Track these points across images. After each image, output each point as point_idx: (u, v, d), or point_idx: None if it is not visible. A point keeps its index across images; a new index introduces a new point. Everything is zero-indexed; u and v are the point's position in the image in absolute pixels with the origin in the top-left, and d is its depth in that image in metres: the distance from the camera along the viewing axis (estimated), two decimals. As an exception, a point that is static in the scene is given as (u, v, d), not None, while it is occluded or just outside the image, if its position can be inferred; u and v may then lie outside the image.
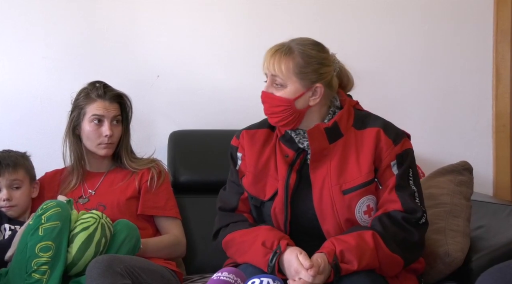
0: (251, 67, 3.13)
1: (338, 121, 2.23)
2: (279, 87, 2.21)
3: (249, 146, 2.32)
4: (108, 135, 2.61)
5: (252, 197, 2.28)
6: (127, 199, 2.62)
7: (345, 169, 2.20)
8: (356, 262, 2.04)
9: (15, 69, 3.02)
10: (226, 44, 3.16)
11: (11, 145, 2.66)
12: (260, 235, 2.16)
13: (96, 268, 2.16)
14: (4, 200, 2.53)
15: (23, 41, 3.03)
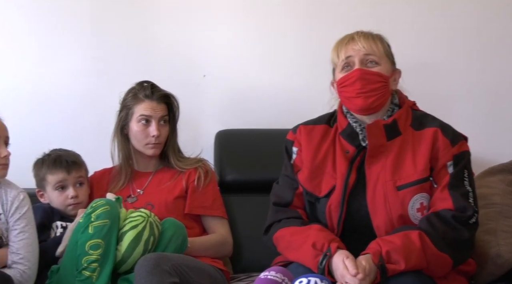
0: (297, 67, 3.15)
1: (397, 119, 2.23)
2: (374, 65, 2.22)
3: (306, 142, 2.32)
4: (155, 136, 2.62)
5: (307, 193, 2.28)
6: (175, 198, 2.63)
7: (400, 166, 2.19)
8: (403, 262, 2.02)
9: (65, 69, 3.06)
10: (271, 44, 3.15)
11: (61, 145, 2.70)
12: (310, 235, 2.16)
13: (145, 266, 2.18)
14: (72, 197, 2.57)
15: (73, 42, 3.07)
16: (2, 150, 2.26)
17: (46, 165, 2.58)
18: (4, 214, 2.30)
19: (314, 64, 3.03)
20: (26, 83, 3.04)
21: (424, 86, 3.04)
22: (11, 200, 2.31)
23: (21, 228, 2.30)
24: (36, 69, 3.05)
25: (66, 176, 2.57)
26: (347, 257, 2.04)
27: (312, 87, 3.05)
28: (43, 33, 3.05)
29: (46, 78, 3.05)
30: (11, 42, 3.04)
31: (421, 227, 2.11)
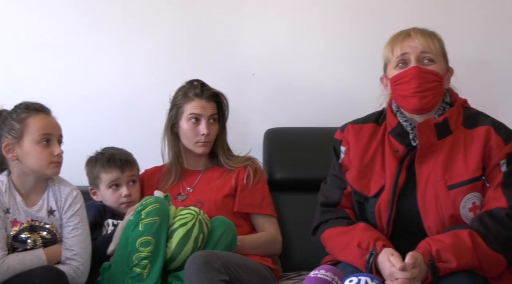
0: (347, 64, 3.13)
1: (448, 118, 2.19)
2: (431, 63, 2.19)
3: (354, 141, 2.30)
4: (205, 134, 2.64)
5: (356, 192, 2.26)
6: (224, 196, 2.64)
7: (451, 165, 2.16)
8: (454, 261, 1.99)
9: (116, 68, 3.10)
10: (321, 41, 3.14)
11: (112, 143, 2.73)
12: (356, 235, 2.14)
13: (195, 264, 2.19)
14: (125, 196, 2.60)
15: (124, 40, 3.10)
16: (56, 149, 2.30)
17: (100, 164, 2.62)
18: (58, 210, 2.34)
19: (364, 61, 3.01)
20: (78, 82, 3.08)
21: (476, 84, 2.99)
22: (65, 197, 2.35)
23: (74, 224, 2.33)
24: (88, 68, 3.09)
25: (120, 175, 2.60)
26: (392, 254, 2.02)
27: (362, 85, 3.03)
28: (94, 33, 3.10)
29: (98, 77, 3.09)
30: (63, 41, 3.08)
31: (473, 227, 2.07)
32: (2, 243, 2.24)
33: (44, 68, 3.07)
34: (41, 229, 2.31)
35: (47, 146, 2.29)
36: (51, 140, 2.30)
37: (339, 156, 2.34)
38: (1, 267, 2.20)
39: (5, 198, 2.29)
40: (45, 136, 2.29)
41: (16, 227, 2.28)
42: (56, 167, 2.31)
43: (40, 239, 2.30)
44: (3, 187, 2.30)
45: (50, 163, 2.29)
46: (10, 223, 2.28)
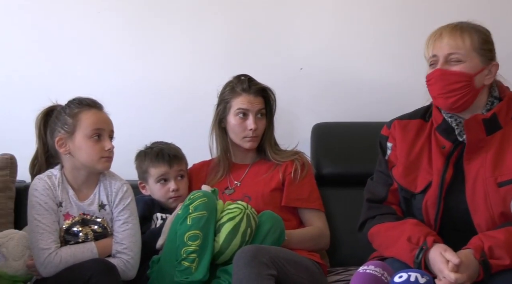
0: (395, 59, 3.10)
1: (497, 112, 2.15)
2: (457, 64, 2.15)
3: (401, 137, 2.28)
4: (252, 129, 2.64)
5: (402, 189, 2.24)
6: (271, 190, 2.64)
7: (501, 162, 2.12)
8: (507, 258, 1.96)
9: (164, 64, 3.12)
10: (370, 36, 3.12)
11: (161, 137, 2.75)
12: (406, 230, 2.12)
13: (243, 258, 2.19)
14: (173, 190, 2.62)
15: (171, 36, 3.12)
16: (107, 144, 2.32)
17: (148, 158, 2.64)
18: (109, 205, 2.37)
19: (413, 56, 2.94)
20: (129, 78, 3.11)
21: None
22: (115, 191, 2.38)
23: (124, 218, 2.36)
24: (138, 64, 3.12)
25: (168, 169, 2.62)
26: (445, 250, 1.99)
27: (411, 79, 2.99)
28: (144, 29, 3.13)
29: (147, 72, 3.12)
30: (115, 38, 3.12)
31: None
32: (55, 236, 2.28)
33: (95, 64, 3.12)
34: (92, 223, 2.35)
35: (98, 141, 2.32)
36: (102, 135, 2.32)
37: (386, 152, 2.33)
38: (54, 259, 2.24)
39: (58, 192, 2.33)
40: (97, 131, 2.32)
41: (69, 221, 2.32)
42: (106, 162, 2.33)
43: (91, 233, 2.34)
44: (56, 181, 2.34)
45: (100, 158, 2.32)
46: (62, 217, 2.32)
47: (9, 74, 3.08)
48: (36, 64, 3.10)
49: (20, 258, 2.38)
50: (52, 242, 2.26)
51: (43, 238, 2.25)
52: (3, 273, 2.36)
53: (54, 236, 2.28)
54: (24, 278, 2.39)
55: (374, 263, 1.97)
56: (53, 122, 2.35)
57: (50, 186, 2.32)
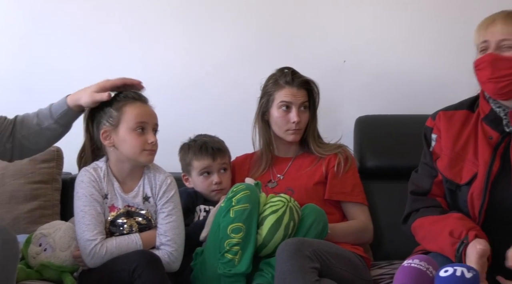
0: (439, 51, 3.06)
1: None
2: (509, 50, 2.12)
3: (446, 128, 2.25)
4: (295, 122, 2.63)
5: (447, 181, 2.21)
6: (315, 184, 2.63)
7: None
8: None
9: (210, 56, 3.13)
10: (414, 27, 3.10)
11: (204, 130, 2.76)
12: (449, 224, 2.09)
13: (286, 251, 2.20)
14: (216, 183, 2.63)
15: (214, 30, 3.13)
16: (150, 137, 2.33)
17: (192, 151, 2.65)
18: (153, 197, 2.39)
19: (458, 47, 2.95)
20: (174, 70, 3.13)
21: None
22: (159, 184, 2.39)
23: (168, 211, 2.37)
24: (183, 56, 3.14)
25: (211, 162, 2.62)
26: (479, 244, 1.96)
27: (456, 71, 2.97)
28: (191, 21, 3.13)
29: (192, 65, 3.13)
30: (159, 30, 3.14)
31: None
32: (101, 227, 2.31)
33: (140, 57, 3.14)
34: (137, 215, 2.37)
35: (141, 134, 2.33)
36: (146, 128, 2.34)
37: (430, 144, 2.30)
38: (100, 250, 2.27)
39: (103, 184, 2.36)
40: (140, 124, 2.33)
41: (114, 212, 2.35)
42: (149, 155, 2.35)
43: (136, 225, 2.36)
44: (102, 173, 2.37)
45: (143, 151, 2.33)
46: (108, 208, 2.35)
47: (55, 66, 3.12)
48: (81, 56, 3.14)
49: (66, 249, 2.42)
50: (98, 234, 2.29)
51: (89, 229, 2.28)
52: (50, 263, 2.40)
53: (100, 227, 2.30)
54: (70, 268, 2.42)
55: (419, 257, 1.95)
56: (99, 115, 2.38)
57: (96, 178, 2.35)
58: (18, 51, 3.13)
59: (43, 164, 2.83)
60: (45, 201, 2.81)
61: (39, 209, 2.78)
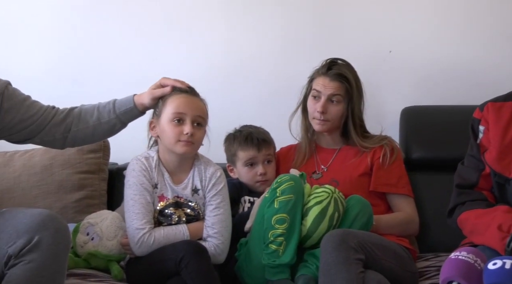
0: (487, 42, 3.04)
1: None
2: None
3: (494, 120, 2.22)
4: (319, 111, 2.60)
5: (496, 174, 2.18)
6: (359, 175, 2.62)
7: None
8: None
9: (254, 48, 3.13)
10: (460, 18, 3.06)
11: (249, 121, 2.76)
12: (497, 217, 2.07)
13: (331, 242, 2.19)
14: (261, 174, 2.63)
15: (258, 19, 3.13)
16: (186, 128, 2.33)
17: (237, 142, 2.65)
18: (202, 189, 2.40)
19: (505, 39, 2.90)
20: (218, 63, 3.14)
21: None
22: (209, 176, 2.40)
23: (216, 203, 2.38)
24: (227, 48, 3.14)
25: (256, 153, 2.62)
26: None
27: (502, 63, 2.95)
28: (234, 11, 3.14)
29: (237, 55, 3.14)
30: (202, 21, 3.15)
31: None
32: (150, 216, 2.33)
33: (187, 47, 3.16)
34: (185, 206, 2.39)
35: (178, 125, 2.33)
36: (183, 119, 2.34)
37: (477, 136, 2.27)
38: (148, 239, 2.29)
39: (154, 173, 2.37)
40: (178, 115, 2.34)
41: (163, 202, 2.37)
42: (185, 146, 2.33)
43: (184, 215, 2.38)
44: (153, 163, 2.39)
45: (178, 142, 2.33)
46: (157, 198, 2.37)
47: (101, 58, 3.16)
48: (126, 49, 3.17)
49: (113, 238, 2.45)
50: (146, 223, 2.31)
51: (138, 218, 2.30)
52: (98, 252, 2.44)
53: (149, 216, 2.32)
54: (117, 257, 2.46)
55: (467, 249, 1.92)
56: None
57: (146, 167, 2.37)
58: (69, 46, 3.17)
59: (90, 155, 2.87)
60: (92, 191, 2.85)
61: (86, 199, 2.83)
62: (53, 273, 1.89)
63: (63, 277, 1.94)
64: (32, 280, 1.85)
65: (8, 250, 1.87)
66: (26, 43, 3.17)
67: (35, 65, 3.16)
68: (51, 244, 1.88)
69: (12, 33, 3.16)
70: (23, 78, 3.03)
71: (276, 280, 2.31)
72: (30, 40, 3.17)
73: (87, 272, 2.38)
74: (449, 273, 1.89)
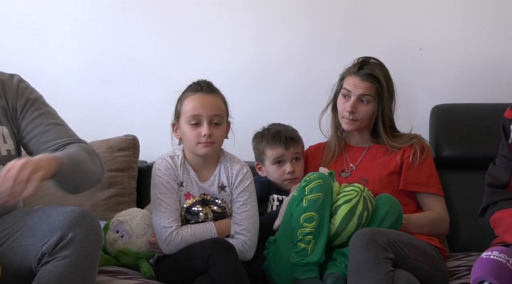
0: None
1: None
2: None
3: None
4: (348, 111, 2.58)
5: None
6: (389, 174, 2.60)
7: None
8: None
9: (281, 46, 3.12)
10: (490, 16, 3.03)
11: (278, 119, 2.76)
12: None
13: (360, 241, 2.18)
14: (289, 172, 2.62)
15: (287, 18, 3.12)
16: (203, 129, 2.33)
17: (265, 140, 2.65)
18: (229, 186, 2.40)
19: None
20: (245, 59, 3.14)
21: None
22: (236, 173, 2.41)
23: (243, 200, 2.39)
24: (254, 47, 3.14)
25: (284, 151, 2.62)
26: None
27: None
28: (263, 9, 3.13)
29: (263, 54, 3.13)
30: (229, 20, 3.15)
31: None
32: (177, 214, 2.35)
33: (213, 45, 3.15)
34: (212, 203, 2.40)
35: (196, 127, 2.34)
36: (200, 121, 2.34)
37: (509, 136, 2.24)
38: (175, 237, 2.30)
39: (179, 172, 2.38)
40: (194, 117, 2.34)
41: (189, 200, 2.38)
42: (204, 147, 2.34)
43: (211, 213, 2.39)
44: (179, 162, 2.40)
45: (198, 144, 2.34)
46: (183, 196, 2.38)
47: (131, 58, 3.18)
48: (155, 49, 3.18)
49: (143, 236, 2.47)
50: (173, 221, 2.32)
51: (165, 217, 2.32)
52: (127, 249, 2.46)
53: (176, 215, 2.34)
54: (146, 255, 2.47)
55: (498, 249, 1.90)
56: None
57: (172, 166, 2.38)
58: (100, 46, 3.19)
59: (120, 153, 2.89)
60: (122, 188, 2.87)
61: (116, 197, 2.84)
62: (85, 270, 1.90)
63: (95, 274, 1.96)
64: (65, 277, 1.87)
65: (42, 248, 1.89)
66: (57, 43, 3.19)
67: (65, 64, 3.18)
68: (84, 241, 1.89)
69: (43, 33, 3.19)
70: (53, 77, 3.10)
71: (304, 278, 2.31)
72: (61, 40, 3.19)
73: (116, 270, 2.40)
74: (480, 272, 1.87)
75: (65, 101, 2.39)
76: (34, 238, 1.92)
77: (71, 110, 2.41)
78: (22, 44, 3.14)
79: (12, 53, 3.13)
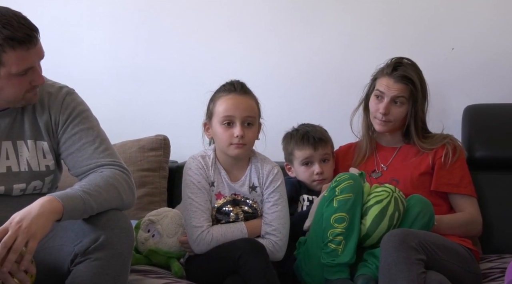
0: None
1: None
2: None
3: None
4: (381, 112, 2.57)
5: None
6: (420, 174, 2.58)
7: None
8: None
9: (313, 47, 3.11)
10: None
11: (308, 119, 2.74)
12: None
13: (391, 242, 2.17)
14: (317, 173, 2.61)
15: (319, 19, 3.10)
16: (236, 130, 2.33)
17: (294, 141, 2.64)
18: (260, 187, 2.40)
19: None
20: (276, 61, 3.13)
21: None
22: (266, 174, 2.40)
23: (274, 200, 2.38)
24: (287, 48, 3.13)
25: (312, 152, 2.61)
26: None
27: None
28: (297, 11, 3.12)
29: (296, 54, 3.12)
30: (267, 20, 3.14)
31: None
32: (207, 214, 2.35)
33: (245, 46, 3.15)
34: (243, 204, 2.40)
35: (228, 128, 2.34)
36: (233, 121, 2.34)
37: None
38: (206, 237, 2.31)
39: (210, 172, 2.39)
40: (227, 118, 2.34)
41: (220, 200, 2.38)
42: (236, 148, 2.34)
43: (241, 213, 2.39)
44: (210, 161, 2.40)
45: (230, 145, 2.34)
46: (214, 196, 2.38)
47: (163, 58, 3.19)
48: (188, 47, 3.18)
49: (173, 235, 2.48)
50: (204, 220, 2.33)
51: (196, 216, 2.32)
52: (158, 249, 2.47)
53: (206, 214, 2.34)
54: (177, 254, 2.48)
55: (533, 252, 1.88)
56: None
57: (203, 166, 2.39)
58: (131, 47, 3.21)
59: (151, 153, 2.91)
60: (153, 188, 2.88)
61: (147, 196, 2.86)
62: (117, 271, 1.92)
63: (127, 274, 1.97)
64: (97, 278, 1.89)
65: (75, 248, 1.90)
66: (89, 43, 3.22)
67: (98, 65, 3.21)
68: (116, 243, 1.90)
69: (76, 34, 3.22)
70: (86, 78, 3.12)
71: (335, 279, 2.30)
72: (93, 41, 3.22)
73: (148, 269, 2.41)
74: (514, 275, 1.85)
75: (97, 101, 2.39)
76: (67, 238, 1.94)
77: (103, 110, 2.42)
78: (54, 45, 3.16)
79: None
